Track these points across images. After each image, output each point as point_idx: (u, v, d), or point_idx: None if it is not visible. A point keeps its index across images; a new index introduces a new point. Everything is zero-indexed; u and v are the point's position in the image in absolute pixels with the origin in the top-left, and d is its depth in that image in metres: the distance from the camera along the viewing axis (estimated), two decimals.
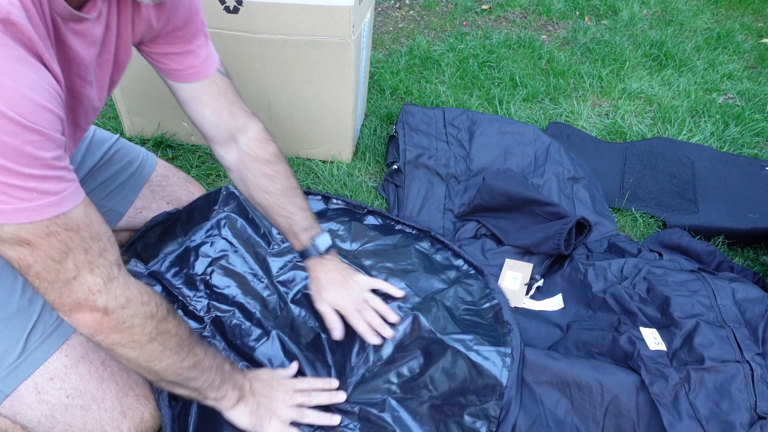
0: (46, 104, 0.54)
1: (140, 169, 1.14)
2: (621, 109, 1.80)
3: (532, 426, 0.88)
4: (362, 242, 1.20)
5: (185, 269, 1.13)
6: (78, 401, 0.79)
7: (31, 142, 0.53)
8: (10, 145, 0.51)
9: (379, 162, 1.54)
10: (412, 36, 2.16)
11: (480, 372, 0.93)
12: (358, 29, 1.26)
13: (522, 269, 1.22)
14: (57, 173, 0.57)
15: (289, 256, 1.17)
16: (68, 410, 0.78)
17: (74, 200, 0.60)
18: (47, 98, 0.55)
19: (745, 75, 2.05)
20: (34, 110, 0.52)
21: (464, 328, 1.00)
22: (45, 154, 0.54)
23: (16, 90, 0.50)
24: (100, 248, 0.64)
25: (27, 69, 0.52)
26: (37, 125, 0.53)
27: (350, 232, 1.22)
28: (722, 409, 0.82)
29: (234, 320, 1.04)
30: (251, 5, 1.20)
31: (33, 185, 0.54)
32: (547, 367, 0.93)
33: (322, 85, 1.33)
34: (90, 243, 0.62)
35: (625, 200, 1.46)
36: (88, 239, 0.62)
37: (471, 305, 1.06)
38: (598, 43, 2.15)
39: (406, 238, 1.21)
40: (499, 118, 1.58)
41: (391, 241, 1.20)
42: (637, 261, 1.13)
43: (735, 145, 1.69)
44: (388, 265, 1.14)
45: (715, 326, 0.93)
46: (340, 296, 0.98)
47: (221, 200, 1.24)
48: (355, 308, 0.97)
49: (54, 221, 0.58)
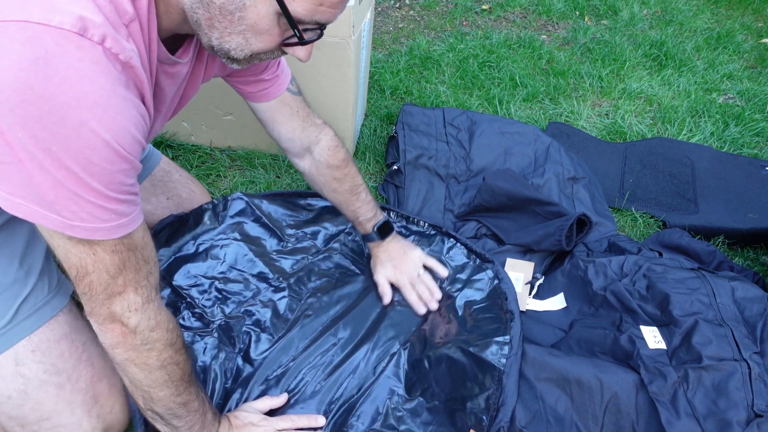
0: (140, 138, 0.60)
1: (143, 163, 1.15)
2: (621, 109, 1.80)
3: (532, 421, 0.89)
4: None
5: (195, 271, 1.13)
6: (54, 378, 0.79)
7: (124, 170, 0.59)
8: (108, 171, 0.57)
9: (379, 162, 1.54)
10: (412, 36, 2.16)
11: (479, 363, 0.97)
12: (358, 29, 1.26)
13: (523, 269, 1.23)
14: (132, 198, 0.63)
15: (301, 255, 1.18)
16: (42, 386, 0.78)
17: (138, 221, 0.65)
18: (142, 133, 0.61)
19: (745, 75, 2.05)
20: (132, 143, 0.58)
21: (469, 326, 1.05)
22: (129, 180, 0.61)
23: (124, 126, 0.56)
24: (148, 270, 0.68)
25: (134, 108, 0.58)
26: (132, 156, 0.59)
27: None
28: (720, 407, 0.82)
29: (243, 327, 1.04)
30: None
31: (114, 207, 0.60)
32: (548, 364, 0.93)
33: (322, 85, 1.34)
34: (141, 264, 0.66)
35: (625, 200, 1.46)
36: (141, 260, 0.66)
37: (479, 303, 1.10)
38: (598, 43, 2.15)
39: (418, 242, 1.23)
40: (499, 118, 1.58)
41: None
42: (637, 258, 1.13)
43: (735, 145, 1.69)
44: None
45: (714, 324, 0.93)
46: (397, 271, 1.12)
47: (231, 205, 1.24)
48: (409, 281, 1.11)
49: (121, 241, 0.63)
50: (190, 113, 1.47)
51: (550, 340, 1.08)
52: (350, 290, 1.12)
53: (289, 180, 1.45)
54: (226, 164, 1.50)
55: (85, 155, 0.54)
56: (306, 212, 1.27)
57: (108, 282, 0.64)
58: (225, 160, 1.50)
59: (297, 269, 1.15)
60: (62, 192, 0.55)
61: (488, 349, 0.99)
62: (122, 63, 0.56)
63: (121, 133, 0.56)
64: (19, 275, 0.79)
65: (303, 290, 1.11)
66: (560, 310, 1.15)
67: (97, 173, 0.56)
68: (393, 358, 1.01)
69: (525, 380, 0.93)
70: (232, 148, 1.54)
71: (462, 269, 1.17)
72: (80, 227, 0.58)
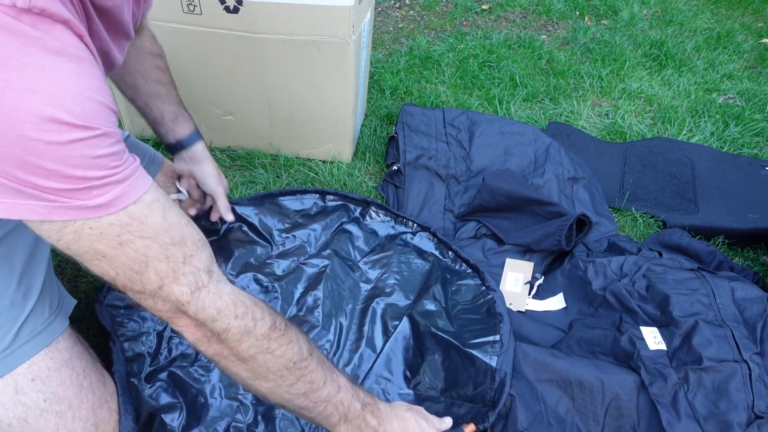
0: (92, 94, 0.51)
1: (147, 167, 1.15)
2: (621, 109, 1.80)
3: (533, 423, 0.89)
4: (365, 253, 1.21)
5: None
6: (54, 407, 0.76)
7: (80, 141, 0.50)
8: (52, 148, 0.48)
9: (379, 162, 1.54)
10: (412, 36, 2.16)
11: (472, 361, 0.98)
12: (358, 29, 1.26)
13: (523, 269, 1.23)
14: (113, 170, 0.54)
15: (293, 258, 1.18)
16: (42, 415, 0.75)
17: (132, 197, 0.56)
18: (93, 84, 0.52)
19: (745, 75, 2.05)
20: (79, 104, 0.49)
21: (458, 326, 1.05)
22: (97, 152, 0.52)
23: (57, 91, 0.48)
24: (185, 254, 0.60)
25: (68, 62, 0.49)
26: (85, 121, 0.50)
27: (354, 242, 1.22)
28: (720, 408, 0.82)
29: None
30: (251, 5, 1.20)
31: (85, 187, 0.52)
32: (549, 365, 0.93)
33: (322, 85, 1.33)
34: (172, 249, 0.59)
35: (625, 200, 1.46)
36: (170, 245, 0.59)
37: (466, 304, 1.10)
38: (598, 43, 2.15)
39: (405, 245, 1.22)
40: (499, 119, 1.58)
41: (392, 252, 1.21)
42: (636, 258, 1.13)
43: (735, 145, 1.69)
44: (393, 281, 1.16)
45: (714, 325, 0.93)
46: (221, 181, 1.08)
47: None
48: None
49: (126, 229, 0.55)
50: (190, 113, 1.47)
51: (550, 340, 1.08)
52: (338, 288, 1.14)
53: (289, 180, 1.45)
54: (226, 164, 1.49)
55: (21, 136, 0.47)
56: (295, 215, 1.26)
57: (139, 279, 0.58)
58: (225, 160, 1.50)
59: (288, 271, 1.15)
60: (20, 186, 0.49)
61: (480, 347, 0.99)
62: (28, 12, 0.46)
63: (55, 100, 0.47)
64: (17, 298, 0.75)
65: (295, 294, 1.12)
66: (560, 310, 1.15)
67: (41, 154, 0.48)
68: (383, 353, 1.03)
69: (526, 381, 0.93)
70: (232, 148, 1.54)
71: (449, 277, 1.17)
72: (62, 208, 0.51)
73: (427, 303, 1.10)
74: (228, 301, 0.63)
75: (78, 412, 0.78)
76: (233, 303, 0.64)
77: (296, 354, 0.68)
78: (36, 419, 0.75)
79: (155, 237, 0.57)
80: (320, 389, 0.70)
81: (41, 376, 0.76)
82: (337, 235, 1.22)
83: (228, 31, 1.26)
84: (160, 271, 0.59)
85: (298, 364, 0.68)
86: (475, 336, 1.02)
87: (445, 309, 1.09)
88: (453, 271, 1.17)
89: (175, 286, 0.60)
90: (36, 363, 0.76)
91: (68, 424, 0.77)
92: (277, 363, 0.66)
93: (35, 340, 0.77)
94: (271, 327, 0.66)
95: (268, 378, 0.66)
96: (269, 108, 1.42)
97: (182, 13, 1.23)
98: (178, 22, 1.26)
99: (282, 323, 0.69)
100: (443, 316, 1.07)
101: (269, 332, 0.66)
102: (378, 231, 1.24)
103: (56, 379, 0.77)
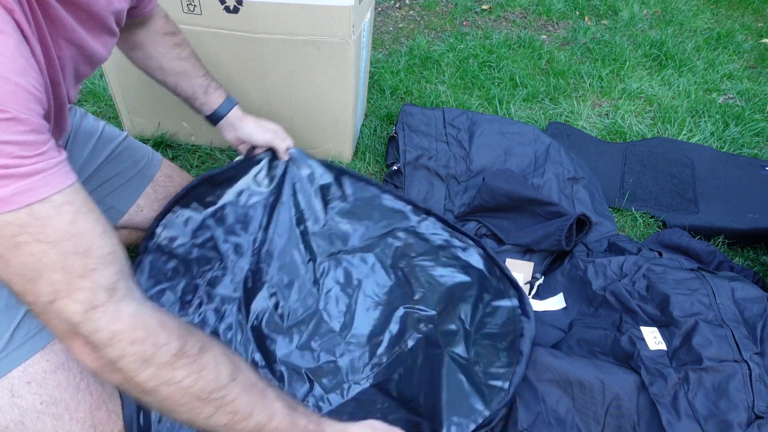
0: (14, 77, 0.47)
1: (145, 168, 1.14)
2: (621, 109, 1.80)
3: (534, 423, 0.88)
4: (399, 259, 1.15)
5: (239, 228, 1.10)
6: (51, 409, 0.75)
7: None
8: None
9: (379, 162, 1.54)
10: (412, 36, 2.16)
11: (468, 395, 0.91)
12: (358, 29, 1.26)
13: (523, 269, 1.23)
14: (15, 161, 0.49)
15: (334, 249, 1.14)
16: (39, 417, 0.74)
17: (50, 190, 0.50)
18: (19, 66, 0.48)
19: (745, 75, 2.05)
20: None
21: (475, 353, 0.97)
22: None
23: None
24: (86, 267, 0.53)
25: None
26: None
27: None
28: (720, 408, 0.82)
29: (269, 307, 1.05)
30: (251, 5, 1.20)
31: None
32: (549, 365, 0.93)
33: (322, 85, 1.33)
34: (72, 260, 0.52)
35: (625, 200, 1.46)
36: (71, 254, 0.52)
37: (494, 328, 1.01)
38: (598, 43, 2.15)
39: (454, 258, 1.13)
40: (499, 119, 1.58)
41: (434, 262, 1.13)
42: (636, 258, 1.13)
43: (735, 145, 1.69)
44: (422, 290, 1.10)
45: (714, 325, 0.93)
46: (267, 129, 1.11)
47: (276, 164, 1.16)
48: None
49: (24, 229, 0.49)
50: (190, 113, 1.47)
51: (550, 340, 1.08)
52: None
53: None
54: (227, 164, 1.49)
55: None
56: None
57: (32, 289, 0.51)
58: (225, 160, 1.50)
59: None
60: None
61: (482, 388, 0.92)
62: None
63: None
64: (11, 300, 0.74)
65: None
66: (560, 310, 1.15)
67: None
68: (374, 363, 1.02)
69: (527, 381, 0.93)
70: (232, 148, 1.54)
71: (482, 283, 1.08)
72: None
73: (450, 322, 1.02)
74: (126, 324, 0.56)
75: (75, 413, 0.77)
76: (132, 326, 0.56)
77: (211, 382, 0.60)
78: (33, 422, 0.74)
79: (56, 243, 0.51)
80: (246, 419, 0.62)
81: (37, 378, 0.75)
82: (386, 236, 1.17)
83: (228, 31, 1.26)
84: (54, 282, 0.52)
85: (214, 394, 0.60)
86: (486, 373, 0.94)
87: (466, 332, 1.01)
88: (494, 289, 1.07)
89: (68, 301, 0.53)
90: (32, 366, 0.75)
91: (65, 426, 0.76)
92: (187, 394, 0.58)
93: (30, 342, 0.75)
94: (177, 354, 0.59)
95: (179, 411, 0.59)
96: (269, 108, 1.42)
97: (182, 13, 1.23)
98: (178, 22, 1.25)
99: (194, 347, 0.61)
100: (461, 341, 0.99)
101: (173, 360, 0.58)
102: (430, 239, 1.16)
103: (52, 382, 0.76)
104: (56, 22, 0.61)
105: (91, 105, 1.67)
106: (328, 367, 1.01)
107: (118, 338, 0.55)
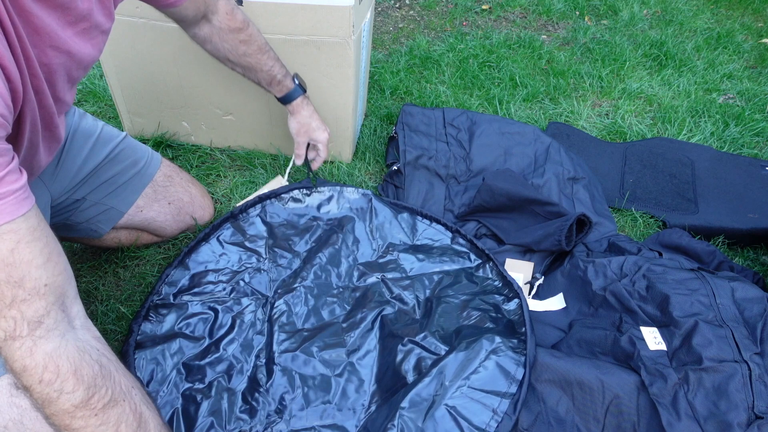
0: None
1: (144, 168, 1.14)
2: (621, 109, 1.80)
3: (534, 424, 0.88)
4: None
5: (291, 235, 1.24)
6: None
7: None
8: None
9: (379, 162, 1.54)
10: (412, 36, 2.16)
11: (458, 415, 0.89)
12: (358, 29, 1.26)
13: (523, 269, 1.23)
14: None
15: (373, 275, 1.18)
16: (39, 417, 0.73)
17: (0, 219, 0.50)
18: None
19: (745, 75, 2.05)
20: None
21: (470, 384, 0.93)
22: None
23: None
24: (14, 297, 0.53)
25: None
26: None
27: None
28: (720, 409, 0.82)
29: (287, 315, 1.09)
30: (251, 5, 1.20)
31: None
32: (549, 365, 0.93)
33: (322, 85, 1.33)
34: (3, 288, 0.52)
35: (625, 200, 1.46)
36: (2, 283, 0.52)
37: (496, 354, 0.97)
38: (598, 43, 2.15)
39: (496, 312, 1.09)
40: (499, 119, 1.58)
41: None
42: (636, 258, 1.13)
43: (735, 145, 1.69)
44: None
45: (714, 325, 0.93)
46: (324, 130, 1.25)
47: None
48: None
49: None
50: (190, 113, 1.47)
51: (550, 340, 1.08)
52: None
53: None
54: (226, 164, 1.49)
55: None
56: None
57: None
58: (225, 160, 1.50)
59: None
60: None
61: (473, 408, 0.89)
62: None
63: None
64: None
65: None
66: (560, 310, 1.15)
67: None
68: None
69: None
70: (232, 148, 1.54)
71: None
72: None
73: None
74: (38, 362, 0.56)
75: None
76: (44, 366, 0.56)
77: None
78: (32, 421, 0.73)
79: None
80: None
81: None
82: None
83: None
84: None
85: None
86: (469, 406, 0.90)
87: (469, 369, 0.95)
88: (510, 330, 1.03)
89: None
90: None
91: None
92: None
93: None
94: (79, 404, 0.58)
95: None
96: (269, 108, 1.42)
97: None
98: None
99: (101, 401, 0.60)
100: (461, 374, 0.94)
101: (72, 410, 0.58)
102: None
103: None
104: (40, 31, 0.61)
105: (91, 105, 1.67)
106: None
107: (28, 373, 0.56)
